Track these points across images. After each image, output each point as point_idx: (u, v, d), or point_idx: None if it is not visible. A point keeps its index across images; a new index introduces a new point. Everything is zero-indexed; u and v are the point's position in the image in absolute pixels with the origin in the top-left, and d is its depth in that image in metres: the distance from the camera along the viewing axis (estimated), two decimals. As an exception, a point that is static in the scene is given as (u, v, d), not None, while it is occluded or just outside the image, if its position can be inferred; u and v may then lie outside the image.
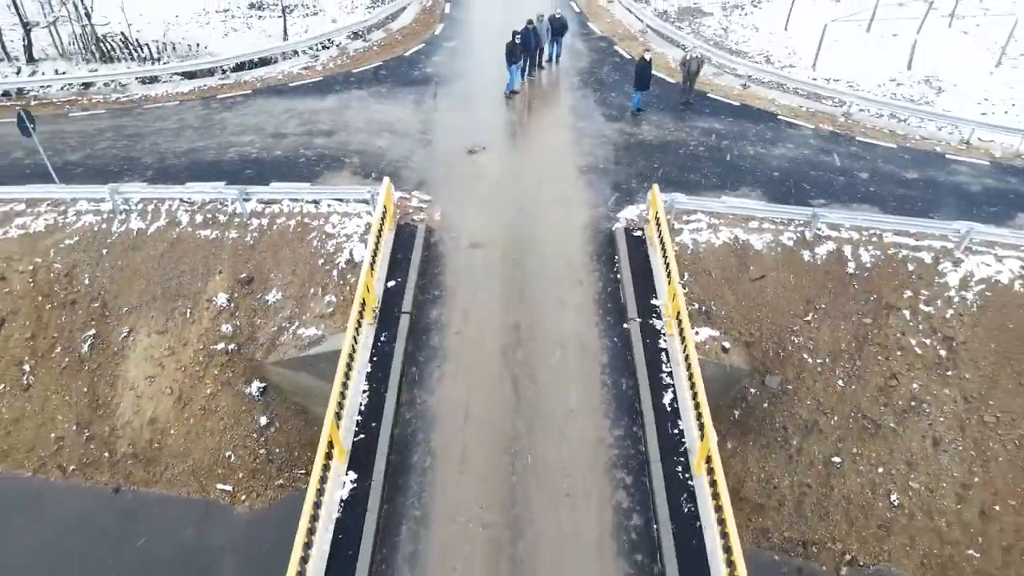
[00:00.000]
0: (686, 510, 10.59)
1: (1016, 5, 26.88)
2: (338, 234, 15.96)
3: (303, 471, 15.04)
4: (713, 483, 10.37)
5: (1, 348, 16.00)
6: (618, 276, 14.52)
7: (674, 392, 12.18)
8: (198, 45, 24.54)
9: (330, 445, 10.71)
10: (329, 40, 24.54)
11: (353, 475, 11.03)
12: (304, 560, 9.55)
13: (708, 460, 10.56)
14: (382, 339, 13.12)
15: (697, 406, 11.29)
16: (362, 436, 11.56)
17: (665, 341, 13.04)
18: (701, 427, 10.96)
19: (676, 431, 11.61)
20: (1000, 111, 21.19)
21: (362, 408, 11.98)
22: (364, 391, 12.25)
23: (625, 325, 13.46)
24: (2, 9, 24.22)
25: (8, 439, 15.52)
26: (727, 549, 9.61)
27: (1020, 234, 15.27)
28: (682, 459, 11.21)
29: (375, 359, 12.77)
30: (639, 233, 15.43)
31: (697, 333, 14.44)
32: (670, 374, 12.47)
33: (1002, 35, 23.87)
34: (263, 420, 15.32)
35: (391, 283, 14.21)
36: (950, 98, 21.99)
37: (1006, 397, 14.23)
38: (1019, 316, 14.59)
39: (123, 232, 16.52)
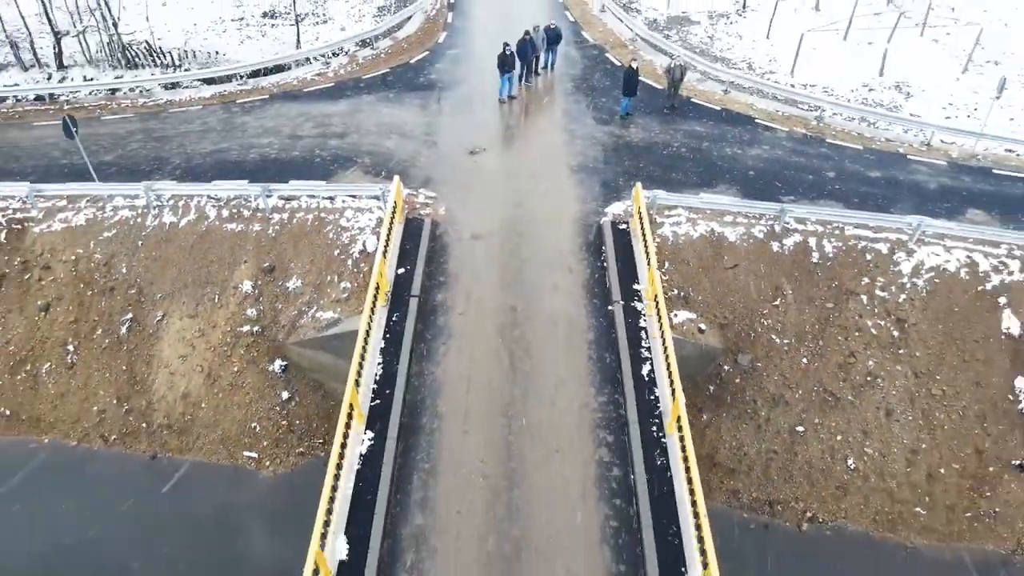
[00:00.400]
0: (659, 463, 12.25)
1: (986, 15, 28.65)
2: (352, 227, 17.61)
3: (321, 440, 16.73)
4: (682, 440, 12.02)
5: (47, 330, 17.67)
6: (604, 264, 16.19)
7: (651, 364, 13.84)
8: (216, 53, 26.22)
9: (351, 409, 12.37)
10: (340, 48, 26.21)
11: (370, 434, 12.69)
12: (331, 500, 11.19)
13: (678, 421, 12.21)
14: (394, 319, 14.78)
15: (670, 375, 12.95)
16: (377, 402, 13.22)
17: (645, 321, 14.71)
18: (673, 393, 12.61)
19: (652, 397, 13.28)
20: (963, 115, 22.86)
21: (377, 378, 13.65)
22: (379, 364, 13.91)
23: (610, 307, 15.13)
24: (32, 18, 25.90)
25: (55, 412, 17.18)
26: (692, 493, 11.27)
27: (967, 227, 16.93)
28: (656, 421, 12.88)
29: (388, 336, 14.44)
30: (624, 226, 17.10)
31: (676, 316, 16.12)
32: (648, 349, 14.14)
33: (970, 44, 25.54)
34: (285, 395, 16.96)
35: (401, 270, 15.88)
36: (918, 103, 23.65)
37: (951, 372, 15.90)
38: (964, 300, 16.26)
39: (156, 225, 18.18)
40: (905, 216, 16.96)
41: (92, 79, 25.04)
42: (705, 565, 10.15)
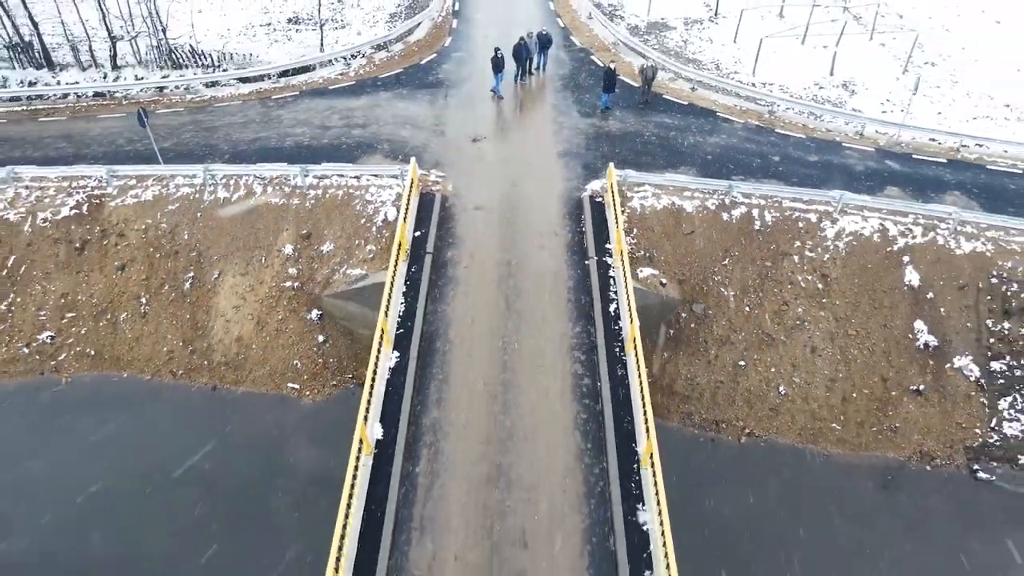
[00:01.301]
0: (619, 374, 15.89)
1: (930, 21, 32.32)
2: (375, 200, 21.24)
3: (351, 375, 20.36)
4: (636, 357, 15.65)
5: (123, 286, 21.31)
6: (583, 229, 19.85)
7: (616, 304, 17.50)
8: (250, 55, 29.84)
9: (382, 333, 16.01)
10: (358, 51, 29.80)
11: (397, 354, 16.34)
12: (370, 396, 14.83)
13: (635, 343, 15.85)
14: (412, 270, 18.44)
15: (630, 310, 16.57)
16: (401, 331, 16.87)
17: (613, 272, 18.35)
18: (631, 323, 16.25)
19: (616, 327, 16.94)
20: (898, 109, 26.47)
21: (401, 314, 17.29)
22: (401, 303, 17.56)
23: (586, 261, 18.78)
24: (79, 25, 29.53)
25: (131, 352, 20.81)
26: (642, 396, 14.90)
27: (881, 200, 20.59)
28: (619, 344, 16.53)
29: (408, 283, 18.10)
30: (600, 199, 20.75)
31: (642, 272, 19.78)
32: (615, 292, 17.79)
33: (913, 47, 29.16)
34: (320, 338, 20.59)
35: (417, 233, 19.53)
36: (860, 99, 27.28)
37: (864, 317, 19.55)
38: (875, 259, 19.91)
39: (212, 200, 21.81)
40: (831, 191, 20.61)
41: (142, 78, 28.64)
42: (647, 437, 13.81)
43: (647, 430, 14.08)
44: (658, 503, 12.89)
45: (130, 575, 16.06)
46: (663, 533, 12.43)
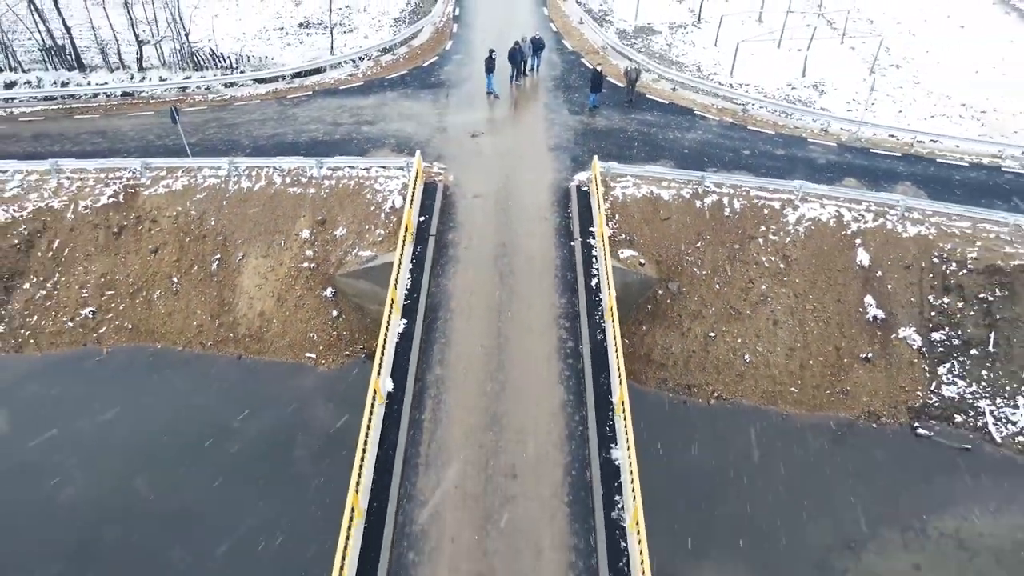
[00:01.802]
0: (598, 338, 18.24)
1: (898, 26, 34.66)
2: (383, 190, 23.58)
3: (362, 346, 22.67)
4: (613, 324, 17.99)
5: (157, 267, 23.65)
6: (570, 215, 22.21)
7: (597, 279, 19.85)
8: (266, 57, 32.19)
9: (392, 302, 18.35)
10: (365, 53, 32.15)
11: (405, 320, 18.69)
12: (382, 355, 17.18)
13: (612, 312, 18.19)
14: (418, 250, 20.79)
15: (609, 285, 18.91)
16: (408, 301, 19.23)
17: (595, 252, 20.70)
18: (609, 294, 18.60)
19: (597, 299, 19.29)
20: (862, 108, 28.82)
21: (407, 288, 19.64)
22: (408, 279, 19.91)
23: (572, 243, 21.13)
24: (107, 29, 31.87)
25: (165, 326, 23.13)
26: (617, 357, 17.24)
27: (837, 189, 22.94)
28: (599, 313, 18.88)
29: (414, 262, 20.44)
30: (585, 188, 23.11)
31: (623, 253, 22.10)
32: (596, 269, 20.14)
33: (879, 51, 31.52)
34: (334, 313, 22.92)
35: (422, 218, 21.89)
36: (829, 99, 29.63)
37: (820, 293, 21.89)
38: (831, 242, 22.25)
39: (236, 189, 24.15)
40: (793, 181, 22.96)
41: (166, 79, 30.99)
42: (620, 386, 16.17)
43: (620, 382, 16.43)
44: (627, 442, 15.24)
45: (182, 513, 18.28)
46: (631, 465, 14.76)
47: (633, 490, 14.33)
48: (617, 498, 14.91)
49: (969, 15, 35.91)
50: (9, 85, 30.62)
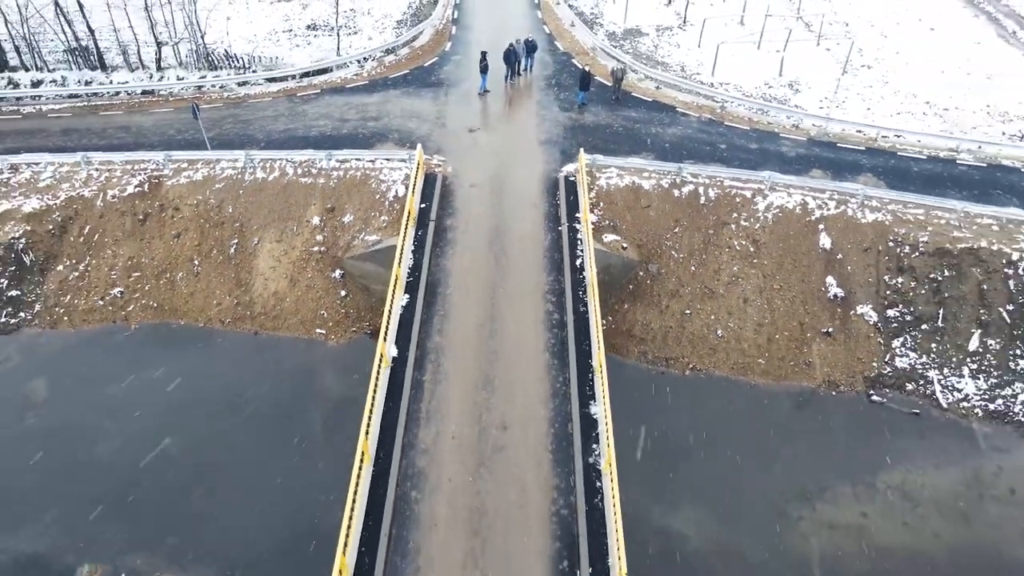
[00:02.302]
0: (581, 310, 20.32)
1: (873, 28, 36.72)
2: (388, 180, 25.65)
3: (367, 323, 24.74)
4: (594, 298, 20.07)
5: (179, 251, 25.74)
6: (558, 202, 24.31)
7: (582, 259, 21.95)
8: (276, 57, 34.27)
9: (396, 278, 20.44)
10: (370, 54, 34.23)
11: (407, 296, 20.78)
12: (387, 325, 19.27)
13: (593, 287, 20.27)
14: (419, 234, 22.89)
15: (592, 265, 20.99)
16: (410, 278, 21.33)
17: (580, 235, 22.79)
18: (591, 272, 20.67)
19: (581, 276, 21.39)
20: (833, 106, 30.91)
21: (410, 267, 21.74)
22: (410, 259, 21.99)
23: (560, 227, 23.23)
24: (127, 31, 33.95)
25: (187, 304, 25.21)
26: (596, 327, 19.32)
27: (804, 179, 25.05)
28: (582, 288, 20.97)
29: (415, 244, 22.54)
30: (572, 178, 25.21)
31: (607, 237, 24.18)
32: (581, 251, 22.23)
33: (853, 52, 33.57)
34: (342, 293, 25.00)
35: (423, 205, 23.98)
36: (803, 97, 31.69)
37: (786, 274, 23.98)
38: (797, 227, 24.32)
39: (252, 179, 26.24)
40: (763, 173, 25.04)
41: (183, 78, 33.08)
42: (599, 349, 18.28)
43: (599, 348, 18.53)
44: (604, 399, 17.33)
45: (211, 465, 20.35)
46: (607, 418, 16.85)
47: (608, 438, 16.41)
48: (594, 446, 17.00)
49: (940, 18, 37.97)
50: (36, 84, 32.72)
